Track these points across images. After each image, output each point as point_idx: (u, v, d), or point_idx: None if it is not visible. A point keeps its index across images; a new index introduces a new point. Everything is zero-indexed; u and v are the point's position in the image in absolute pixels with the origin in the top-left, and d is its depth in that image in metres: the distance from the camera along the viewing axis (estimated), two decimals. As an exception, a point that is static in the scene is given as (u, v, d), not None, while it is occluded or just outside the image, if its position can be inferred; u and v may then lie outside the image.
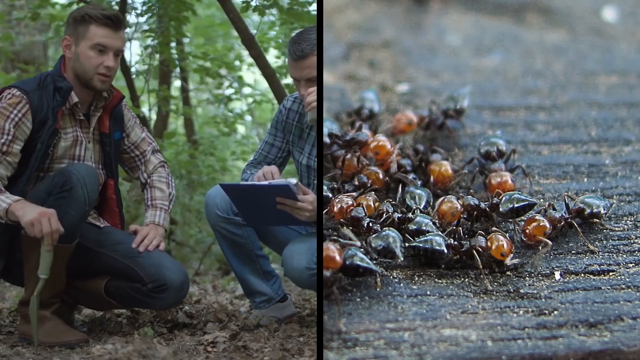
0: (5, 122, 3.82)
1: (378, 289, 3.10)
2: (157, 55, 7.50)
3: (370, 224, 3.24)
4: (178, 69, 8.46)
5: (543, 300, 3.12)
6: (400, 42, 4.31)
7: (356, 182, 3.44)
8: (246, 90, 8.88)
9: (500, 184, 3.46)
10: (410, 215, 3.31)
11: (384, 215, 3.29)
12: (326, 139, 3.51)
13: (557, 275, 3.22)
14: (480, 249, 3.20)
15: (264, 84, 9.53)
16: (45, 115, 3.87)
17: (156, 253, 4.01)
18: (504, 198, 3.35)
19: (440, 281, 3.16)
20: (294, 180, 3.72)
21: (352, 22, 4.45)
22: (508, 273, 3.22)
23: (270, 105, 9.65)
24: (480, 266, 3.18)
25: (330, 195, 3.38)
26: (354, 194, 3.37)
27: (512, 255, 3.23)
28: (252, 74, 9.47)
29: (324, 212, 3.31)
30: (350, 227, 3.23)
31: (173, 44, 7.74)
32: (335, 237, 3.17)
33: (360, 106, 3.77)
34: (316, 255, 3.75)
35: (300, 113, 4.16)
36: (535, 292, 3.15)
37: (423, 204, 3.38)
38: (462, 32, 4.40)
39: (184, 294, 4.05)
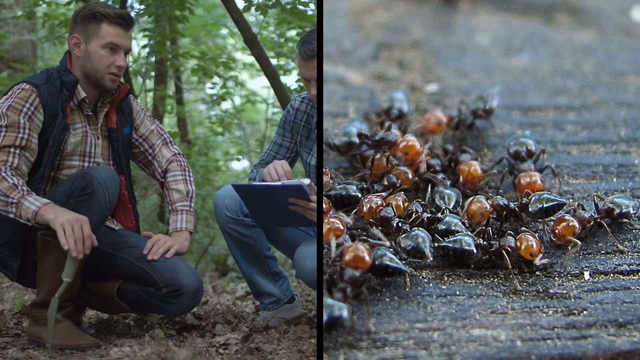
0: (19, 116, 3.75)
1: (407, 289, 3.08)
2: (154, 55, 7.46)
3: (400, 224, 3.22)
4: (169, 69, 8.43)
5: (572, 300, 3.11)
6: (429, 42, 4.29)
7: (385, 182, 3.43)
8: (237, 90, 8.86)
9: (530, 184, 3.43)
10: (439, 215, 3.29)
11: (413, 215, 3.28)
12: (355, 139, 3.49)
13: (586, 275, 3.20)
14: (509, 249, 3.18)
15: (255, 84, 9.51)
16: (55, 110, 3.81)
17: (172, 257, 3.94)
18: (533, 198, 3.33)
19: (469, 281, 3.15)
20: (307, 181, 3.69)
21: (382, 22, 4.43)
22: (537, 273, 3.21)
23: (264, 106, 9.65)
24: (510, 266, 3.17)
25: (360, 195, 3.36)
26: (383, 194, 3.36)
27: (541, 255, 3.20)
28: (245, 74, 9.41)
29: (354, 212, 3.29)
30: (380, 227, 3.22)
31: (167, 44, 7.70)
32: (365, 237, 3.16)
33: (390, 106, 3.75)
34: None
35: (308, 113, 4.15)
36: (564, 292, 3.13)
37: (452, 204, 3.36)
38: (491, 32, 4.38)
39: (198, 300, 4.01)
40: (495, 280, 3.17)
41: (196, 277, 3.96)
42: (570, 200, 3.48)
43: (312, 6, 6.67)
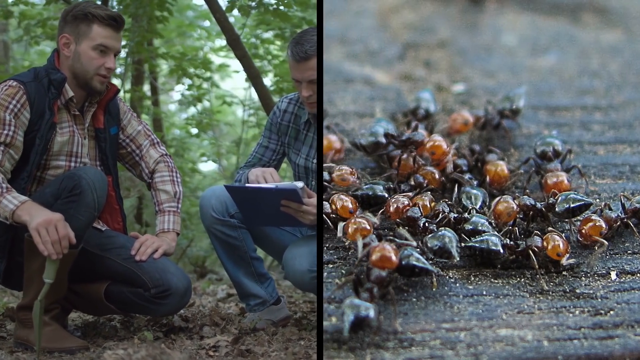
0: (4, 112, 3.68)
1: (434, 289, 3.07)
2: (132, 56, 7.42)
3: (426, 224, 3.21)
4: (147, 70, 8.39)
5: (599, 300, 3.09)
6: (456, 42, 4.27)
7: (412, 182, 3.42)
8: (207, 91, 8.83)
9: (556, 184, 3.42)
10: (466, 215, 3.28)
11: (440, 215, 3.26)
12: (382, 139, 3.48)
13: (613, 275, 3.18)
14: (536, 249, 3.17)
15: (225, 86, 9.47)
16: (42, 108, 3.74)
17: (160, 258, 3.89)
18: (560, 198, 3.31)
19: (496, 281, 3.13)
20: (300, 184, 3.69)
21: (408, 22, 4.42)
22: (564, 273, 3.19)
23: (236, 107, 9.60)
24: (537, 266, 3.15)
25: (386, 195, 3.35)
26: (410, 194, 3.35)
27: (568, 255, 3.19)
28: (216, 76, 9.36)
29: (380, 212, 3.28)
30: (407, 227, 3.21)
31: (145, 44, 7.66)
32: (392, 237, 3.16)
33: (416, 106, 3.74)
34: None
35: (295, 114, 4.14)
36: (591, 292, 3.11)
37: (479, 204, 3.34)
38: (518, 32, 4.35)
39: (187, 300, 3.96)
40: (522, 280, 3.15)
41: (185, 277, 3.91)
42: (597, 200, 3.46)
43: (295, 7, 6.65)
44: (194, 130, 8.95)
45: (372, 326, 2.89)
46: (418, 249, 3.09)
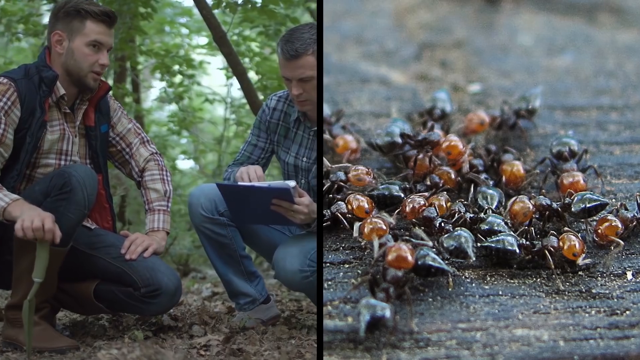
0: None
1: (450, 289, 3.07)
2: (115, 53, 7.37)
3: (442, 224, 3.21)
4: (129, 66, 8.36)
5: (615, 300, 3.08)
6: (472, 42, 4.26)
7: (428, 182, 3.41)
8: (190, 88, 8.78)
9: (572, 184, 3.40)
10: (482, 215, 3.27)
11: (456, 215, 3.26)
12: (398, 139, 3.47)
13: (629, 275, 3.17)
14: (552, 249, 3.16)
15: (205, 83, 9.43)
16: (33, 106, 3.68)
17: (150, 257, 3.84)
18: (576, 198, 3.30)
19: (512, 281, 3.12)
20: (292, 183, 3.67)
21: (424, 22, 4.41)
22: (580, 273, 3.18)
23: (218, 104, 9.55)
24: (552, 266, 3.14)
25: (402, 195, 3.34)
26: (426, 194, 3.34)
27: (584, 255, 3.17)
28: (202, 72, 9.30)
29: (396, 212, 3.28)
30: (422, 227, 3.20)
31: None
32: (407, 237, 3.15)
33: (432, 106, 3.73)
34: (309, 257, 3.76)
35: (285, 112, 4.11)
36: (607, 292, 3.10)
37: (495, 204, 3.33)
38: (534, 32, 4.34)
39: (177, 300, 3.91)
40: (538, 280, 3.14)
41: (175, 276, 3.87)
42: (613, 200, 3.45)
43: (282, 5, 6.62)
44: (175, 128, 8.88)
45: (388, 326, 2.89)
46: (434, 249, 3.08)
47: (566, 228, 3.27)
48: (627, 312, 3.03)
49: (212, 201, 4.03)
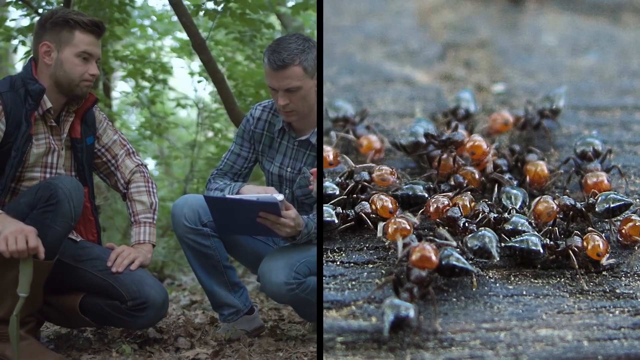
0: None
1: (474, 289, 3.06)
2: None
3: (466, 224, 3.19)
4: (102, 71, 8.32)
5: (639, 300, 3.05)
6: (496, 42, 4.24)
7: (452, 182, 3.40)
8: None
9: (596, 184, 3.38)
10: (506, 215, 3.26)
11: (480, 215, 3.24)
12: (422, 139, 3.46)
13: (653, 275, 3.15)
14: (576, 249, 3.14)
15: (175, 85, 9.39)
16: (19, 119, 3.59)
17: (137, 269, 3.78)
18: (600, 198, 3.28)
19: (536, 281, 3.11)
20: (280, 197, 3.65)
21: (448, 22, 4.39)
22: (604, 273, 3.16)
23: (185, 109, 9.52)
24: (577, 266, 3.12)
25: (426, 195, 3.33)
26: (450, 194, 3.33)
27: (608, 255, 3.16)
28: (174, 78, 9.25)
29: (420, 212, 3.27)
30: (447, 227, 3.20)
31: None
32: (431, 237, 3.14)
33: (456, 106, 3.72)
34: (295, 269, 3.77)
35: (269, 122, 4.09)
36: (631, 292, 3.09)
37: (519, 204, 3.32)
38: (558, 32, 4.31)
39: (164, 313, 3.85)
40: (562, 280, 3.13)
41: (162, 289, 3.80)
42: (637, 200, 3.43)
43: (261, 12, 6.60)
44: (147, 133, 8.81)
45: (412, 326, 2.88)
46: (458, 249, 3.07)
47: (590, 228, 3.26)
48: (651, 312, 3.01)
49: (195, 212, 4.00)
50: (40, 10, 5.98)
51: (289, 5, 7.58)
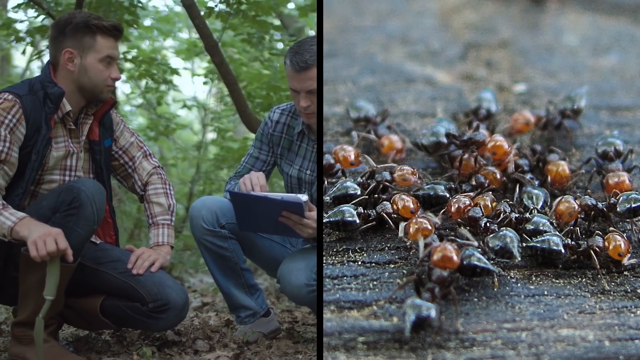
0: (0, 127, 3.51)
1: (495, 289, 3.04)
2: None
3: (488, 224, 3.18)
4: None
5: (661, 300, 3.04)
6: (517, 42, 4.23)
7: (473, 182, 3.38)
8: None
9: (618, 184, 3.36)
10: (527, 215, 3.24)
11: (502, 215, 3.23)
12: (444, 139, 3.45)
13: (675, 275, 3.14)
14: (597, 249, 3.12)
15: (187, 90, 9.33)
16: (39, 123, 3.57)
17: (157, 271, 3.76)
18: (621, 198, 3.26)
19: (557, 281, 3.09)
20: (304, 197, 3.62)
21: (470, 22, 4.38)
22: (625, 273, 3.14)
23: (202, 112, 9.47)
24: (598, 266, 3.11)
25: (448, 195, 3.32)
26: (472, 194, 3.31)
27: (629, 255, 3.14)
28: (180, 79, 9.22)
29: (442, 212, 3.26)
30: (468, 227, 3.18)
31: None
32: (453, 237, 3.13)
33: (478, 106, 3.71)
34: (315, 270, 3.73)
35: (288, 125, 4.07)
36: (653, 292, 3.06)
37: (540, 204, 3.30)
38: (579, 32, 4.30)
39: (184, 315, 3.83)
40: (583, 280, 3.11)
41: (183, 291, 3.78)
42: (659, 200, 3.39)
43: (274, 14, 6.58)
44: (151, 134, 8.77)
45: (434, 326, 2.87)
46: (479, 249, 3.06)
47: (611, 228, 3.24)
48: (673, 312, 2.99)
49: (213, 213, 3.98)
50: (52, 13, 5.96)
51: (291, 7, 7.58)
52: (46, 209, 3.51)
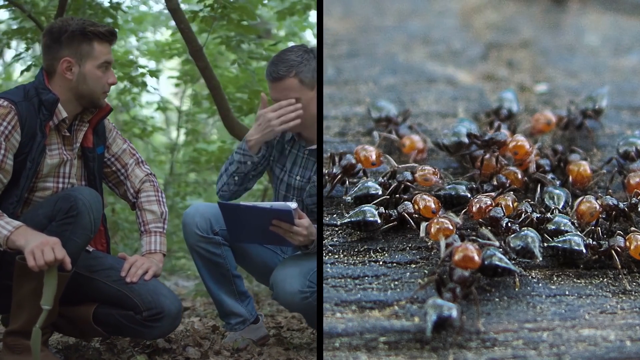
0: None
1: (517, 289, 3.03)
2: None
3: (509, 224, 3.16)
4: None
5: (682, 300, 3.02)
6: (538, 42, 4.21)
7: (495, 182, 3.37)
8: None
9: (639, 184, 3.33)
10: (548, 215, 3.23)
11: (523, 215, 3.21)
12: (465, 139, 3.44)
13: (696, 275, 3.12)
14: (619, 249, 3.11)
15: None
16: (33, 130, 3.49)
17: (151, 279, 3.68)
18: (643, 198, 3.24)
19: (578, 281, 3.08)
20: (294, 205, 3.60)
21: (491, 22, 4.37)
22: (647, 273, 3.12)
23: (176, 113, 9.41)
24: (619, 266, 3.09)
25: (469, 195, 3.31)
26: (493, 194, 3.30)
27: (651, 255, 3.11)
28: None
29: (463, 212, 3.24)
30: (489, 227, 3.17)
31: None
32: (474, 237, 3.12)
33: (499, 106, 3.69)
34: (308, 278, 3.72)
35: None
36: (674, 292, 3.05)
37: (562, 204, 3.29)
38: (600, 32, 4.27)
39: (178, 323, 3.74)
40: (605, 280, 3.10)
41: (176, 299, 3.70)
42: (681, 200, 3.37)
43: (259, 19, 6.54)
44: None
45: (455, 326, 2.86)
46: (501, 249, 3.05)
47: (633, 228, 3.22)
48: (695, 312, 2.97)
49: (207, 220, 3.95)
50: (33, 15, 5.91)
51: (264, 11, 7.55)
52: (42, 217, 3.45)
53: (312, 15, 7.26)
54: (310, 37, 8.26)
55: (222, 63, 8.02)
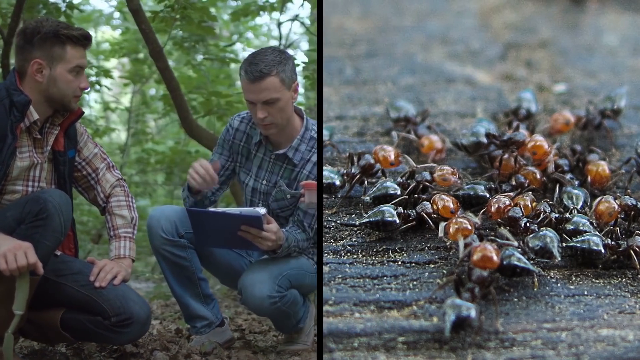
0: None
1: (535, 289, 3.02)
2: None
3: (528, 224, 3.15)
4: None
5: (701, 300, 3.00)
6: (557, 42, 4.19)
7: (513, 182, 3.36)
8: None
9: (658, 184, 3.33)
10: (567, 215, 3.22)
11: (541, 215, 3.20)
12: (483, 139, 3.42)
13: None
14: (637, 249, 3.10)
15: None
16: (4, 131, 3.40)
17: (120, 284, 3.61)
18: (661, 198, 3.23)
19: (597, 281, 3.07)
20: (263, 210, 3.60)
21: (510, 22, 4.35)
22: (666, 273, 3.11)
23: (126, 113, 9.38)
24: (638, 266, 3.08)
25: (488, 195, 3.30)
26: (511, 194, 3.29)
27: (670, 255, 3.10)
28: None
29: (482, 212, 3.23)
30: (508, 227, 3.16)
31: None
32: (493, 237, 3.11)
33: (518, 106, 3.68)
34: (277, 282, 3.74)
35: (247, 134, 4.01)
36: (693, 292, 3.03)
37: (580, 204, 3.27)
38: (619, 32, 4.26)
39: (147, 328, 3.68)
40: (623, 280, 3.08)
41: (145, 305, 3.63)
42: (700, 200, 3.35)
43: (221, 22, 6.51)
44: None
45: (474, 326, 2.85)
46: (519, 249, 3.04)
47: (651, 228, 3.20)
48: None
49: (172, 223, 3.90)
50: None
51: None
52: (11, 219, 3.37)
53: (264, 17, 7.26)
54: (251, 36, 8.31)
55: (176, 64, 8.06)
